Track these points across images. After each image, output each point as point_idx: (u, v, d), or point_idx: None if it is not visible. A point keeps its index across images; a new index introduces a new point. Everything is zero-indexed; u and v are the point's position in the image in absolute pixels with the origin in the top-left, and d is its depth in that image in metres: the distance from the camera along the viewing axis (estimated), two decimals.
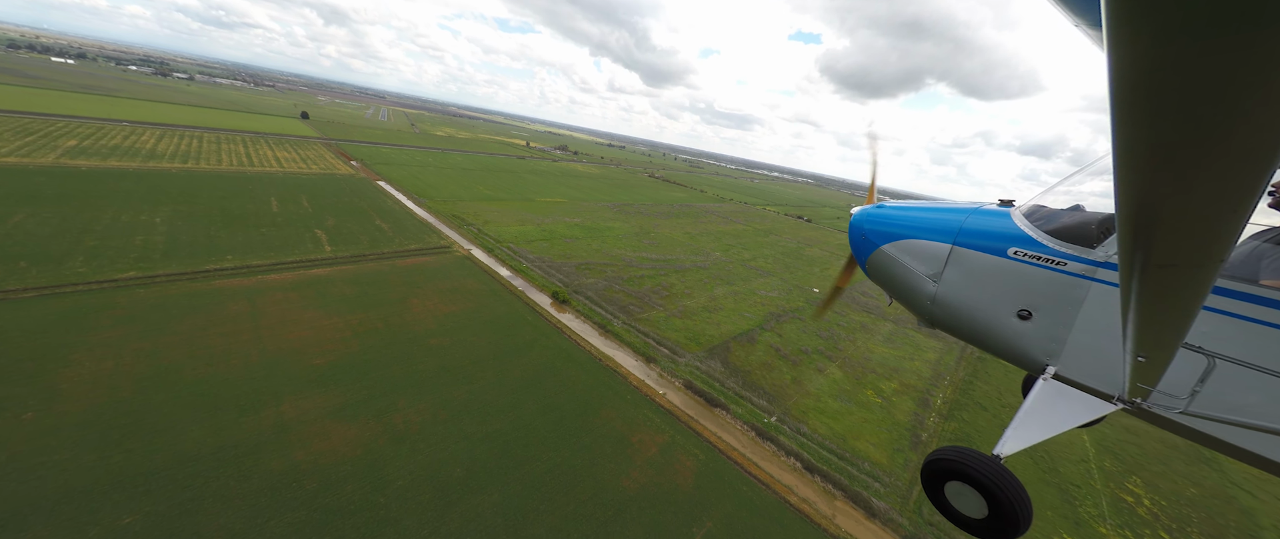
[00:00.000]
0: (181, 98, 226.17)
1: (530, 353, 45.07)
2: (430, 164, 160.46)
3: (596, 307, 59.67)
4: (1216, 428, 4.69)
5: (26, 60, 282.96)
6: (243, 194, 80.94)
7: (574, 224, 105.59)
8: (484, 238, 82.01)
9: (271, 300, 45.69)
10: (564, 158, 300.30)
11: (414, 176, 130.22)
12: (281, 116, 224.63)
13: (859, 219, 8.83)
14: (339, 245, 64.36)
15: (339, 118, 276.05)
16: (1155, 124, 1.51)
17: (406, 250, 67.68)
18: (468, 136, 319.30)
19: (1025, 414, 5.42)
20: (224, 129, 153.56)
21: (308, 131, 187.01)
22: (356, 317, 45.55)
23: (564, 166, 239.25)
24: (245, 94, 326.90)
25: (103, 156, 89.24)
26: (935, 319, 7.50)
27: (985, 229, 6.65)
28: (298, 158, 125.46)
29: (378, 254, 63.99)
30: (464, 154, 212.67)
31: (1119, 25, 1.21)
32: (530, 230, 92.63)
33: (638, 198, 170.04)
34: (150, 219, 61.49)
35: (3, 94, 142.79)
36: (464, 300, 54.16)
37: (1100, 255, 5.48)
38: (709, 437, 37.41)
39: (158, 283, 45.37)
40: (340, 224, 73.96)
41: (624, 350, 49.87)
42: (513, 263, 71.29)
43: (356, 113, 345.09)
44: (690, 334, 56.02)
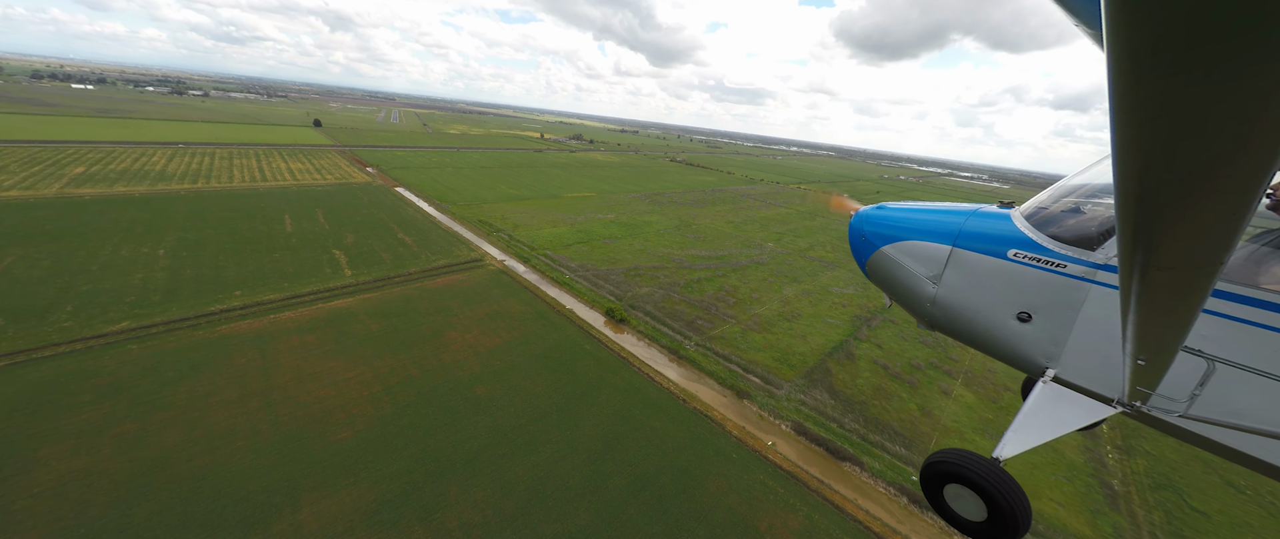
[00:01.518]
0: (195, 115, 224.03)
1: (598, 396, 36.51)
2: (448, 165, 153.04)
3: (660, 325, 50.74)
4: (1216, 431, 4.63)
5: (47, 89, 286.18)
6: (254, 213, 74.26)
7: (609, 221, 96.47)
8: (517, 245, 73.67)
9: (285, 348, 38.12)
10: (581, 147, 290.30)
11: (433, 180, 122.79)
12: (294, 126, 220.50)
13: (859, 221, 8.54)
14: (360, 268, 56.79)
15: (351, 123, 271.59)
16: (1155, 128, 1.49)
17: (435, 268, 59.75)
18: (481, 133, 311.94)
19: (1024, 417, 5.41)
20: (237, 144, 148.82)
21: (321, 140, 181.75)
22: (385, 362, 37.66)
23: (583, 157, 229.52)
24: (258, 106, 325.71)
25: (109, 183, 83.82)
26: (935, 321, 7.32)
27: (985, 231, 6.54)
28: (311, 168, 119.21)
29: (403, 275, 56.20)
30: (480, 151, 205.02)
31: (1120, 31, 1.22)
32: (565, 232, 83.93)
33: (666, 186, 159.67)
34: (153, 252, 54.87)
35: (14, 124, 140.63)
36: (507, 328, 45.89)
37: (1100, 258, 5.38)
38: (853, 511, 28.29)
39: (154, 334, 38.23)
40: (360, 241, 66.52)
41: (706, 382, 40.90)
42: (554, 274, 62.74)
43: (368, 117, 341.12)
44: (777, 354, 46.66)
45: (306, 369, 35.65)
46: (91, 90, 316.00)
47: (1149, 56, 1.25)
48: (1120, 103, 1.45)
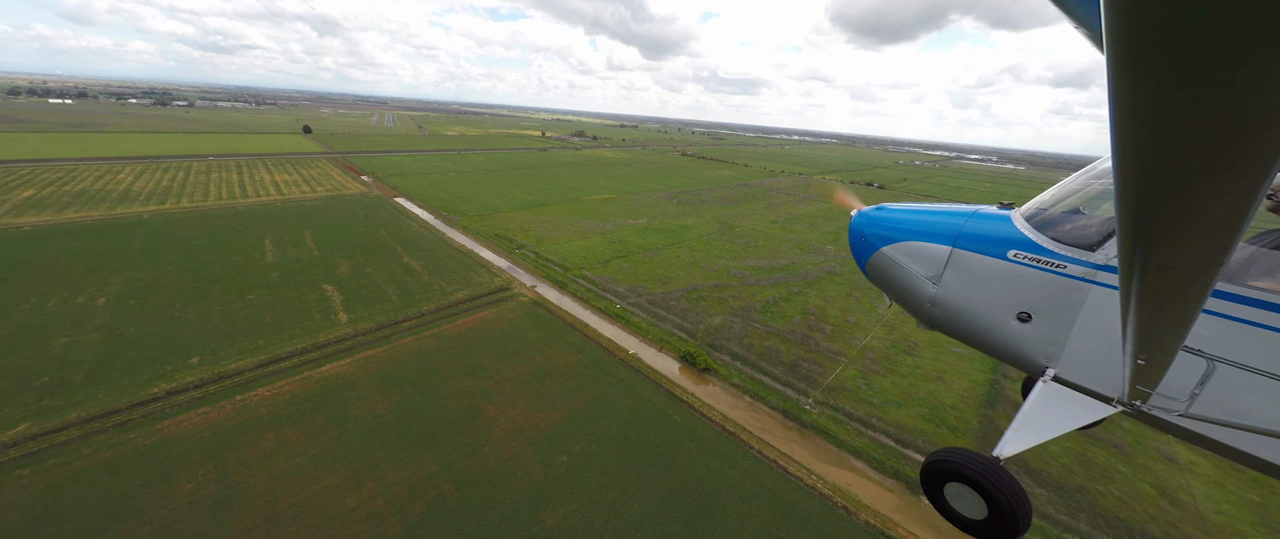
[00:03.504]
0: (176, 125, 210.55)
1: (722, 513, 24.51)
2: (450, 169, 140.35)
3: (757, 373, 38.71)
4: (1216, 431, 4.58)
5: (22, 105, 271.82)
6: (228, 239, 61.92)
7: (643, 227, 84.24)
8: (547, 265, 61.46)
9: (255, 456, 26.07)
10: (585, 145, 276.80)
11: (436, 187, 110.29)
12: (282, 134, 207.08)
13: (859, 221, 8.35)
14: (358, 309, 44.62)
15: (344, 128, 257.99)
16: (1156, 129, 1.49)
17: (453, 304, 47.60)
18: (480, 133, 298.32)
19: (1025, 416, 5.35)
20: (218, 155, 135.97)
21: (311, 147, 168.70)
22: (403, 472, 25.64)
23: (591, 155, 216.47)
24: (244, 115, 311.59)
25: (59, 208, 71.35)
26: (935, 321, 7.19)
27: (985, 232, 6.47)
28: (300, 180, 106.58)
29: (415, 318, 44.03)
30: (481, 152, 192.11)
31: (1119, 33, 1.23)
32: (597, 244, 71.68)
33: (687, 182, 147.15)
34: (90, 301, 42.65)
35: None
36: (563, 393, 33.86)
37: (1100, 258, 5.33)
38: None
39: (60, 450, 26.07)
40: (357, 270, 54.30)
41: (858, 468, 28.94)
42: (600, 302, 50.62)
43: (361, 121, 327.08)
44: (925, 410, 34.70)
45: (286, 496, 23.60)
46: (70, 104, 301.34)
47: (1149, 58, 1.25)
48: (1120, 104, 1.44)
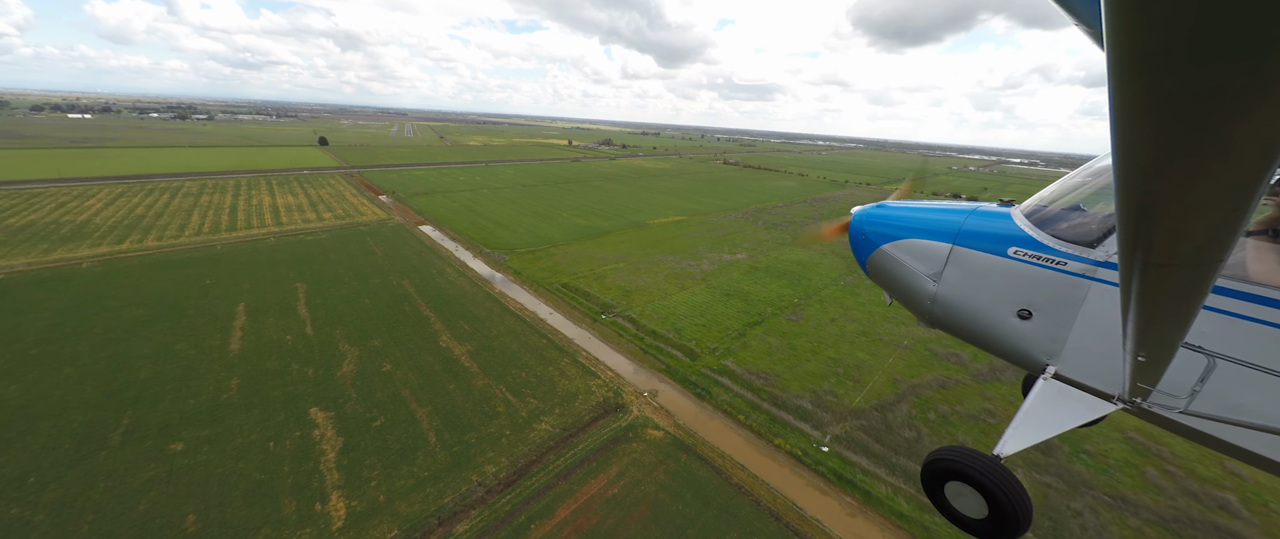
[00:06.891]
0: (186, 139, 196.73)
1: None
2: (480, 185, 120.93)
3: None
4: (1217, 428, 4.54)
5: (36, 120, 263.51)
6: (183, 308, 42.01)
7: (748, 266, 62.48)
8: (657, 344, 40.03)
9: None
10: (617, 154, 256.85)
11: (469, 209, 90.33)
12: (296, 146, 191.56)
13: (859, 219, 8.20)
14: (366, 478, 23.62)
15: (362, 140, 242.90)
16: (1156, 126, 1.50)
17: (537, 450, 26.32)
18: (503, 143, 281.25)
19: (1025, 414, 5.32)
20: (219, 172, 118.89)
21: (325, 160, 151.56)
22: None
23: (629, 165, 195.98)
24: (262, 127, 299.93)
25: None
26: (935, 319, 7.09)
27: (985, 229, 6.37)
28: (305, 203, 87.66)
29: (476, 495, 22.87)
30: (510, 165, 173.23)
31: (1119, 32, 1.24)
32: (709, 300, 50.08)
33: (753, 198, 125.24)
34: None
35: None
36: None
37: (1100, 255, 5.26)
38: None
39: None
40: (369, 367, 33.63)
41: None
42: (786, 436, 28.83)
43: (380, 132, 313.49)
44: None
45: None
46: (88, 119, 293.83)
47: (1148, 56, 1.26)
48: (1120, 102, 1.45)
